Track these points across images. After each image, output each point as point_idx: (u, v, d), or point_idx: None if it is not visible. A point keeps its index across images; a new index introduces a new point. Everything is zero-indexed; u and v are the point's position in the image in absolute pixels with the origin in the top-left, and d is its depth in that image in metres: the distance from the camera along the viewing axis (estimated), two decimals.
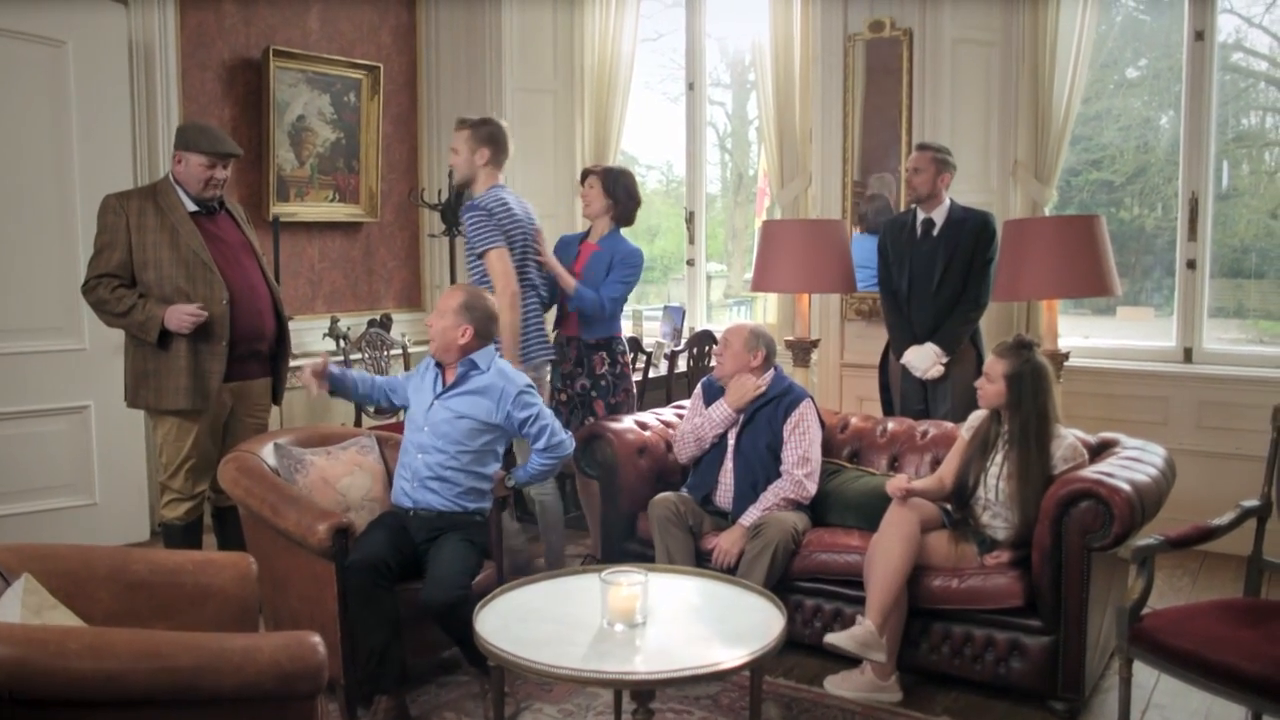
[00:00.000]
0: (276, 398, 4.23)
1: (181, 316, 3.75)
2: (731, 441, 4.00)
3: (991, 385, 3.51)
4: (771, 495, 3.85)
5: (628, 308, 6.68)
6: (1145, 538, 2.96)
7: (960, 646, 3.49)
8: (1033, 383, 3.44)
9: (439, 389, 3.63)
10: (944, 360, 4.49)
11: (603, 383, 4.51)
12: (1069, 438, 3.50)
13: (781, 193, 5.93)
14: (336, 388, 3.76)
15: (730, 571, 3.68)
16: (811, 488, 3.88)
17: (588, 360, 4.53)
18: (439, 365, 3.69)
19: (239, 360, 3.94)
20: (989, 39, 5.28)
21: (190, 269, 3.83)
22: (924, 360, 4.51)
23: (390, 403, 3.85)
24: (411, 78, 6.60)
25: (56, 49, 4.54)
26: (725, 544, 3.80)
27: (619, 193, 4.52)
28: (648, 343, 5.88)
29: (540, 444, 3.60)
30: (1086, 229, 4.32)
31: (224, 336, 3.85)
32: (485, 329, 3.63)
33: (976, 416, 3.66)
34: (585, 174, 4.64)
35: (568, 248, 4.66)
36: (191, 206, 3.90)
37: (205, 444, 3.94)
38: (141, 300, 3.79)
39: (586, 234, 4.67)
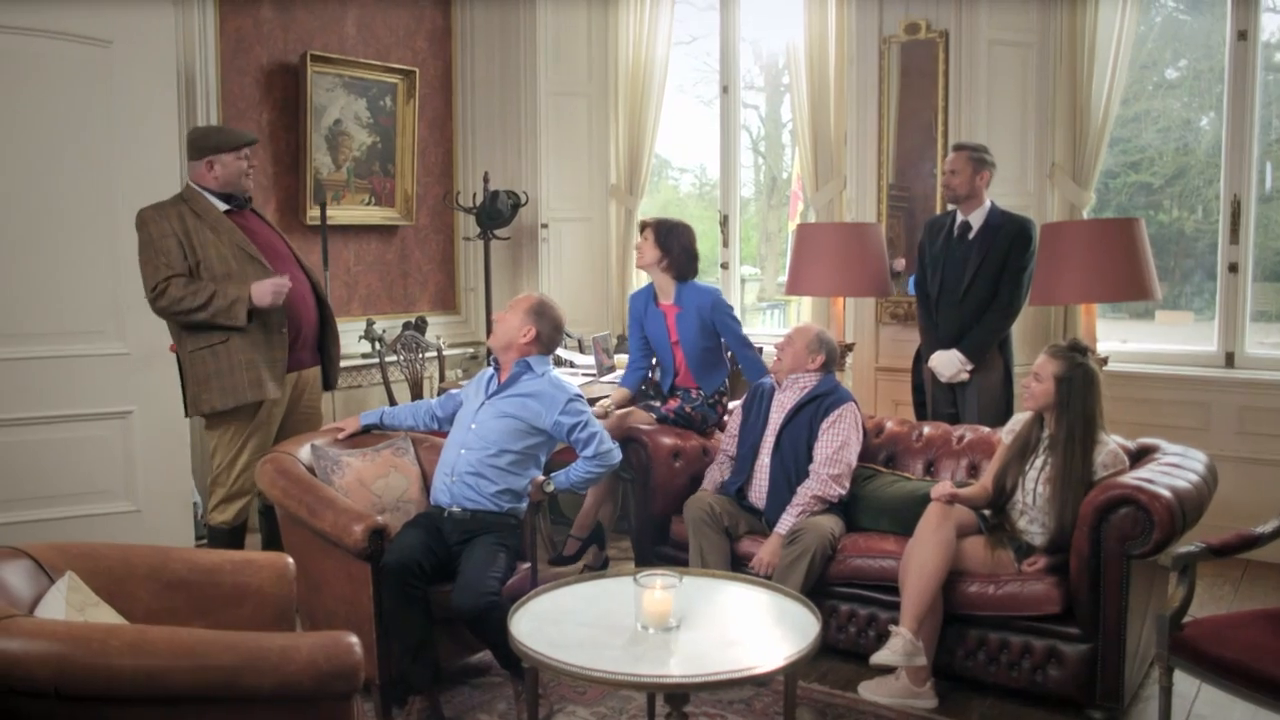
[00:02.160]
0: (330, 383, 4.29)
1: (266, 289, 3.79)
2: (771, 438, 3.99)
3: (1039, 385, 3.47)
4: (802, 495, 3.84)
5: None
6: (1186, 545, 2.92)
7: (996, 653, 3.46)
8: (1084, 386, 3.41)
9: (492, 389, 3.69)
10: (968, 368, 4.45)
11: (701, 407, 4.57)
12: (1110, 444, 3.46)
13: (816, 196, 5.91)
14: (380, 430, 3.94)
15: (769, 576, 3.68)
16: (838, 489, 3.85)
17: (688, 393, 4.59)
18: (496, 368, 3.76)
19: (292, 349, 4.01)
20: (1026, 40, 5.23)
21: (238, 261, 3.89)
22: (948, 366, 4.48)
23: (438, 421, 3.90)
24: (447, 82, 6.63)
25: (103, 49, 4.59)
26: (765, 556, 3.79)
27: (673, 247, 4.52)
28: None
29: (589, 451, 3.63)
30: (1126, 232, 4.26)
31: (283, 323, 3.93)
32: (549, 337, 3.71)
33: (1019, 419, 3.63)
34: (642, 225, 4.64)
35: (649, 311, 4.65)
36: (223, 206, 3.98)
37: (262, 437, 4.00)
38: (219, 288, 3.82)
39: (652, 292, 4.66)
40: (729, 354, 4.71)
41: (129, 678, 1.94)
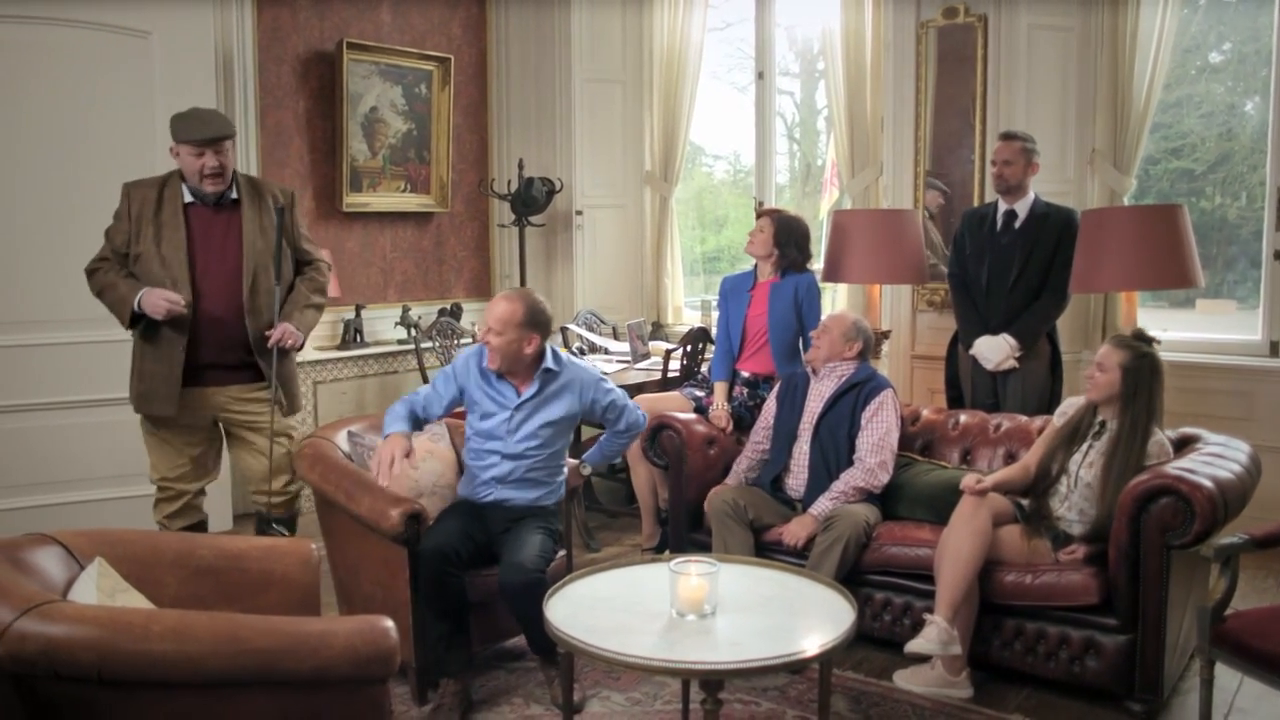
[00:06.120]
0: (288, 405, 3.84)
1: (157, 301, 3.52)
2: (809, 427, 3.98)
3: (1104, 375, 3.42)
4: (843, 483, 3.82)
5: (697, 298, 6.68)
6: (1229, 536, 2.88)
7: (1033, 643, 3.43)
8: (1150, 378, 3.37)
9: (520, 397, 3.51)
10: (1017, 354, 4.40)
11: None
12: (1159, 435, 3.42)
13: (852, 182, 5.87)
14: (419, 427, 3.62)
15: (799, 555, 3.66)
16: (884, 477, 3.84)
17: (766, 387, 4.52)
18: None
19: (211, 367, 3.71)
20: (1067, 24, 5.15)
21: (165, 265, 3.61)
22: (996, 352, 4.42)
23: (437, 413, 3.63)
24: (481, 69, 6.64)
25: (142, 40, 4.63)
26: (795, 528, 3.79)
27: (789, 246, 4.53)
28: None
29: (621, 425, 3.69)
30: (1168, 219, 4.19)
31: (179, 339, 3.62)
32: (545, 328, 3.50)
33: (1071, 404, 3.60)
34: (760, 212, 4.61)
35: (737, 294, 4.63)
36: (188, 198, 3.67)
37: (177, 450, 3.78)
38: (120, 281, 3.62)
39: (750, 279, 4.64)
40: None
41: (170, 662, 1.96)
